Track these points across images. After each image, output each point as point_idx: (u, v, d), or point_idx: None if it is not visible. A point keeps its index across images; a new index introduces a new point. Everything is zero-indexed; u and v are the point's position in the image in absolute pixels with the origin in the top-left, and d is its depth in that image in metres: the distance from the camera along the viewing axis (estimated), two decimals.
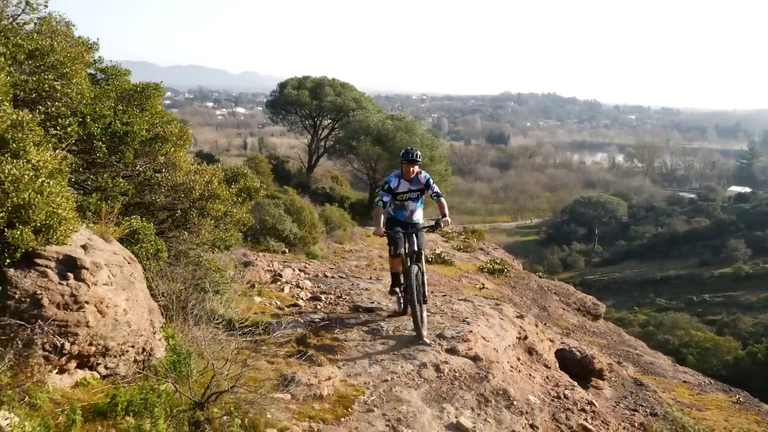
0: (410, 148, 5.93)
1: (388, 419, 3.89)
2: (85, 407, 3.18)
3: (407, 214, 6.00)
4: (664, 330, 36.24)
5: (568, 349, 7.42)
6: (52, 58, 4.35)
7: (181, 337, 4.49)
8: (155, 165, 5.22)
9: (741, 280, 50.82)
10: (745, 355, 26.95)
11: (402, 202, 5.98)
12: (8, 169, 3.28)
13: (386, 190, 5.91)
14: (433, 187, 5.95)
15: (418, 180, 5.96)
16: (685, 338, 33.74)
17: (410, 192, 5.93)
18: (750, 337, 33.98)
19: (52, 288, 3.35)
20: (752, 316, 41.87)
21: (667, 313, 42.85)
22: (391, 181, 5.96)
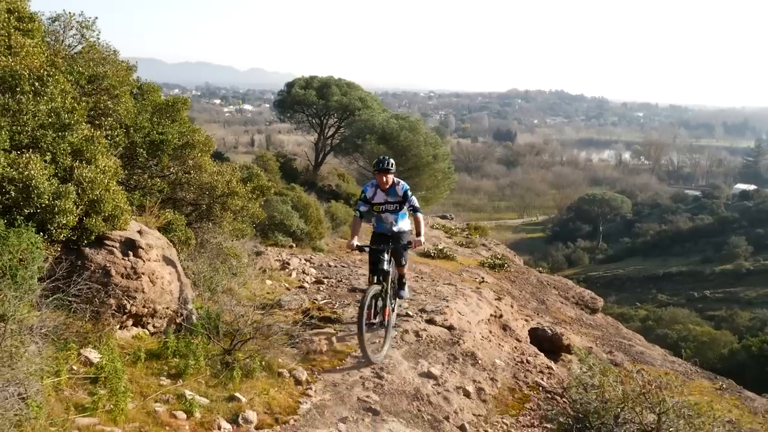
0: (382, 157, 5.61)
1: (374, 368, 4.97)
2: (144, 351, 4.28)
3: (387, 225, 5.74)
4: (663, 325, 37.00)
5: (540, 328, 8.46)
6: (105, 82, 5.45)
7: (208, 306, 5.59)
8: (185, 167, 6.32)
9: (741, 277, 51.36)
10: (740, 348, 27.75)
11: (379, 214, 5.73)
12: (85, 173, 4.38)
13: (362, 200, 5.70)
14: (411, 200, 5.64)
15: (395, 191, 5.64)
16: (683, 332, 34.48)
17: (387, 203, 5.66)
18: (747, 332, 34.67)
19: (117, 262, 4.45)
20: (750, 311, 42.52)
21: (666, 308, 43.54)
22: (367, 191, 5.74)
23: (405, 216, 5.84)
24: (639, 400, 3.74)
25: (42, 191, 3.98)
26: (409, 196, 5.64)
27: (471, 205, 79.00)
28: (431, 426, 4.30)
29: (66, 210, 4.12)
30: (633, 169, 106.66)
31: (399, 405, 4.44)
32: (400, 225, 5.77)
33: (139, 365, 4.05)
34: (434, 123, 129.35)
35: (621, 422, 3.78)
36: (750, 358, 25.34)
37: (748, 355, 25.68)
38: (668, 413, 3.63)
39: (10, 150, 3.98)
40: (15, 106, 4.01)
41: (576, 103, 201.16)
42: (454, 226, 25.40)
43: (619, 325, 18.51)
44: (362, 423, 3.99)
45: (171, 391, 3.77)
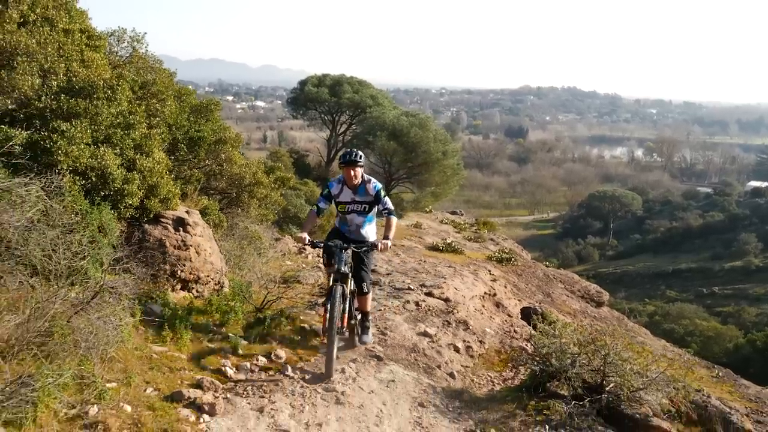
0: (350, 149, 5.04)
1: (380, 328, 5.95)
2: (194, 307, 5.31)
3: (351, 228, 5.06)
4: (670, 320, 37.54)
5: (531, 306, 9.39)
6: (154, 88, 6.47)
7: (239, 277, 6.62)
8: (218, 160, 7.35)
9: (751, 273, 51.49)
10: (745, 342, 28.33)
11: (344, 215, 5.02)
12: (145, 163, 5.42)
13: (324, 196, 4.99)
14: (385, 201, 4.94)
15: (365, 190, 4.94)
16: (690, 327, 35.02)
17: (354, 203, 4.95)
18: (753, 327, 35.14)
19: (170, 236, 5.49)
20: (758, 307, 42.83)
21: (674, 304, 43.97)
22: (332, 187, 5.02)
23: (373, 221, 5.16)
24: (590, 346, 4.67)
25: (115, 177, 5.01)
26: (382, 197, 4.94)
27: (482, 202, 79.39)
28: (425, 371, 5.28)
29: (132, 193, 5.16)
30: (645, 166, 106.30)
31: (399, 354, 5.43)
32: (366, 231, 5.08)
33: (191, 316, 5.07)
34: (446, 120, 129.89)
35: (576, 364, 4.71)
36: (754, 351, 25.95)
37: (752, 349, 26.29)
38: (611, 356, 4.55)
39: (90, 144, 5.01)
40: (93, 110, 5.04)
41: (588, 99, 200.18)
42: (463, 222, 26.22)
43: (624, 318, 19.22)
44: (368, 364, 4.98)
45: (218, 333, 4.79)
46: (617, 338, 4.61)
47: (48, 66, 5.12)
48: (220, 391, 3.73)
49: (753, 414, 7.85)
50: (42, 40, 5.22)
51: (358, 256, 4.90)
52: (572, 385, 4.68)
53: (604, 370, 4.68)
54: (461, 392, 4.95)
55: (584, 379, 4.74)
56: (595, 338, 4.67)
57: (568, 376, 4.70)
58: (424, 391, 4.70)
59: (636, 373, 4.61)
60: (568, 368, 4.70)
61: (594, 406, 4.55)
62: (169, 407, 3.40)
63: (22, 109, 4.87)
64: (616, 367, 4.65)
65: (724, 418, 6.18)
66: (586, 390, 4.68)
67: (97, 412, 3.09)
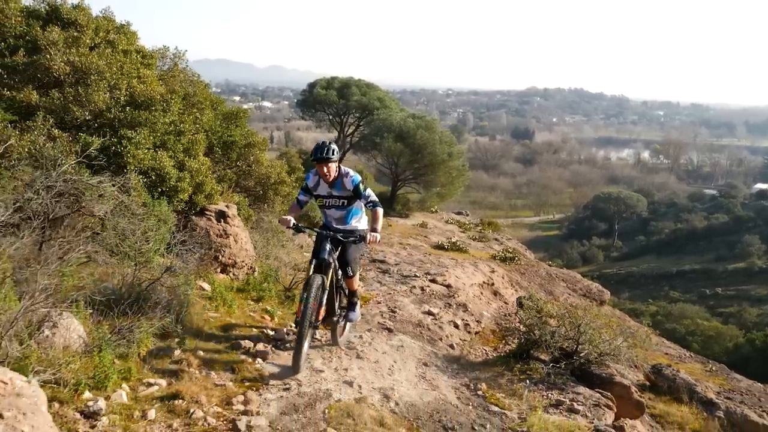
0: (322, 142, 4.63)
1: (389, 307, 6.93)
2: (234, 286, 6.31)
3: (333, 221, 4.84)
4: (672, 319, 38.22)
5: (525, 295, 10.33)
6: (195, 98, 7.48)
7: (267, 264, 7.61)
8: (248, 162, 8.35)
9: (753, 275, 51.95)
10: (744, 342, 29.03)
11: (323, 209, 4.84)
12: (192, 164, 6.42)
13: (303, 189, 4.81)
14: (366, 194, 4.69)
15: (342, 185, 4.67)
16: (691, 327, 35.71)
17: (332, 198, 4.71)
18: (754, 327, 35.79)
19: (213, 226, 6.49)
20: (759, 308, 43.38)
21: (676, 304, 44.58)
22: (309, 179, 4.79)
23: (360, 212, 4.90)
24: (566, 318, 5.61)
25: (170, 176, 6.02)
26: (362, 191, 4.68)
27: (487, 203, 79.89)
28: (429, 342, 6.24)
29: (183, 189, 6.16)
30: (652, 168, 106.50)
31: (406, 328, 6.39)
32: (353, 223, 4.84)
33: (233, 293, 6.07)
34: (452, 121, 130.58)
35: (555, 334, 5.64)
36: (754, 351, 26.64)
37: (752, 349, 26.99)
38: (582, 326, 5.49)
39: (150, 149, 6.02)
40: (152, 119, 6.05)
41: (595, 101, 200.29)
42: (468, 222, 27.10)
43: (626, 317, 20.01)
44: (381, 334, 5.94)
45: (258, 306, 5.79)
46: (588, 313, 5.55)
47: (114, 83, 6.13)
48: (268, 344, 4.72)
49: (724, 392, 8.74)
50: (107, 60, 6.23)
51: (344, 246, 4.67)
52: (551, 352, 5.63)
53: (578, 339, 5.63)
54: (459, 358, 5.92)
55: (561, 347, 5.69)
56: (571, 312, 5.62)
57: (548, 344, 5.66)
58: (427, 355, 5.67)
59: (604, 341, 5.56)
60: (548, 337, 5.66)
61: (568, 367, 5.50)
62: (232, 353, 4.39)
63: (96, 120, 5.89)
64: (588, 336, 5.60)
65: (689, 388, 7.11)
66: (562, 355, 5.64)
67: (179, 353, 4.08)
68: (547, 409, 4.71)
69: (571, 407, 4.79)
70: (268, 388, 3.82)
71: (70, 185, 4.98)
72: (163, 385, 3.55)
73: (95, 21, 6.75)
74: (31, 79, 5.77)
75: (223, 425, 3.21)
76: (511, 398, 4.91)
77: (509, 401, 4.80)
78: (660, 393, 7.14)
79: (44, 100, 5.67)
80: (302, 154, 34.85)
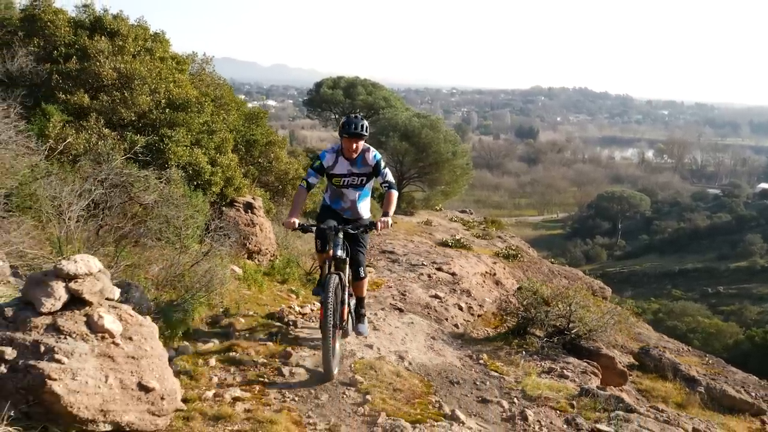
0: (353, 116, 4.30)
1: (400, 291, 7.62)
2: (260, 270, 7.01)
3: (346, 205, 4.50)
4: (674, 317, 38.75)
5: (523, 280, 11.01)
6: (222, 101, 8.19)
7: (288, 252, 8.31)
8: (269, 159, 9.06)
9: (755, 273, 52.27)
10: (744, 339, 29.58)
11: (339, 188, 4.45)
12: (223, 160, 7.13)
13: (316, 169, 4.37)
14: (384, 173, 4.40)
15: (364, 160, 4.38)
16: (692, 324, 36.23)
17: (351, 176, 4.39)
18: (754, 324, 36.30)
19: (242, 216, 7.19)
20: (760, 306, 43.83)
21: (678, 302, 45.07)
22: (325, 158, 4.39)
23: (367, 196, 4.60)
24: (558, 297, 6.28)
25: (205, 171, 6.73)
26: (382, 168, 4.39)
27: (492, 202, 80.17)
28: (436, 321, 6.93)
29: (216, 182, 6.87)
30: (656, 167, 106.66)
31: (415, 308, 7.08)
32: (361, 208, 4.54)
33: (261, 276, 6.78)
34: (456, 120, 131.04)
35: (549, 312, 6.31)
36: (753, 347, 27.16)
37: (752, 345, 27.52)
38: (573, 305, 6.16)
39: (187, 146, 6.73)
40: (188, 120, 6.76)
41: (600, 100, 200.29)
42: (472, 220, 27.72)
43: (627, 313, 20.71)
44: (393, 313, 6.64)
45: (283, 287, 6.49)
46: (578, 293, 6.23)
47: (154, 87, 6.84)
48: (297, 315, 5.41)
49: (709, 376, 9.39)
50: (148, 67, 6.95)
51: (353, 238, 4.34)
52: (546, 329, 6.32)
53: (569, 317, 6.31)
54: (463, 335, 6.61)
55: (554, 324, 6.37)
56: (563, 293, 6.31)
57: (543, 322, 6.34)
58: (435, 331, 6.36)
59: (592, 319, 6.23)
60: (543, 316, 6.34)
61: (561, 342, 6.18)
62: (268, 321, 5.09)
63: (140, 120, 6.60)
64: (578, 314, 6.28)
65: (674, 367, 7.78)
66: (555, 331, 6.32)
67: (225, 320, 4.79)
68: (540, 375, 5.38)
69: (561, 373, 5.46)
70: (302, 348, 4.52)
71: (121, 178, 5.69)
72: (216, 343, 4.26)
73: (134, 30, 7.47)
74: (82, 83, 6.48)
75: (270, 371, 3.91)
76: (509, 366, 5.59)
77: (507, 368, 5.48)
78: (647, 371, 7.81)
79: (95, 103, 6.39)
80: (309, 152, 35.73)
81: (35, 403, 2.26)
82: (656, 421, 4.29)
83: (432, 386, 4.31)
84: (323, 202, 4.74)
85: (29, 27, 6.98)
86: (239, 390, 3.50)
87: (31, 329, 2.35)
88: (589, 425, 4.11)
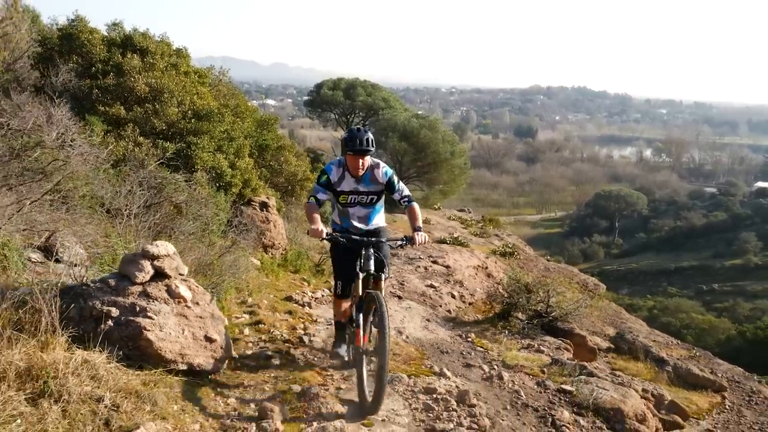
0: (357, 129, 3.96)
1: (398, 281, 8.50)
2: (274, 261, 7.89)
3: (354, 222, 4.14)
4: (668, 314, 39.64)
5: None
6: (239, 109, 9.06)
7: (296, 247, 9.18)
8: (279, 162, 9.94)
9: (749, 271, 53.07)
10: (736, 334, 30.45)
11: (344, 207, 4.10)
12: (241, 164, 8.00)
13: (323, 185, 4.01)
14: (400, 188, 4.10)
15: (374, 177, 4.04)
16: (686, 320, 37.10)
17: (357, 194, 4.04)
18: (746, 320, 37.16)
19: (258, 214, 8.06)
20: (753, 303, 44.69)
21: (673, 299, 45.91)
22: (331, 172, 4.03)
23: (381, 209, 4.28)
24: (537, 284, 7.16)
25: (226, 174, 7.60)
26: (396, 183, 4.08)
27: (490, 201, 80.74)
28: (431, 307, 7.81)
29: (235, 184, 7.74)
30: (654, 166, 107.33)
31: (413, 296, 7.96)
32: (376, 221, 4.23)
33: (276, 266, 7.65)
34: (455, 119, 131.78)
35: (530, 298, 7.18)
36: (745, 342, 28.04)
37: (743, 341, 28.40)
38: (550, 291, 7.02)
39: (210, 152, 7.60)
40: (211, 128, 7.63)
41: (598, 99, 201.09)
42: (470, 218, 28.55)
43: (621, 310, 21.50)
44: (392, 299, 7.51)
45: (296, 276, 7.38)
46: (556, 281, 7.11)
47: (180, 99, 7.71)
48: (310, 299, 6.30)
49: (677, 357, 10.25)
50: (174, 81, 7.82)
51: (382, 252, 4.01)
52: (527, 313, 7.19)
53: (548, 302, 7.19)
54: (454, 319, 7.49)
55: (535, 309, 7.25)
56: (542, 281, 7.19)
57: (525, 307, 7.22)
58: (430, 315, 7.24)
59: (568, 303, 7.12)
60: (525, 302, 7.22)
61: (539, 323, 7.07)
62: (286, 303, 5.96)
63: (170, 129, 7.47)
64: (556, 300, 7.16)
65: (645, 349, 8.66)
66: (535, 315, 7.20)
67: (251, 300, 5.66)
68: (520, 350, 6.25)
69: (538, 349, 6.34)
70: (317, 323, 5.40)
71: (157, 180, 6.56)
72: (247, 318, 5.14)
73: (160, 47, 8.34)
74: (118, 97, 7.36)
75: (293, 339, 4.79)
76: (493, 344, 6.47)
77: (491, 345, 6.36)
78: (622, 353, 8.69)
79: (130, 114, 7.26)
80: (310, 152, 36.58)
81: (134, 348, 3.13)
82: (611, 383, 5.17)
83: (425, 354, 5.18)
84: (333, 225, 4.25)
85: (68, 45, 7.84)
86: (271, 350, 4.39)
87: (128, 295, 3.22)
88: (556, 386, 4.97)
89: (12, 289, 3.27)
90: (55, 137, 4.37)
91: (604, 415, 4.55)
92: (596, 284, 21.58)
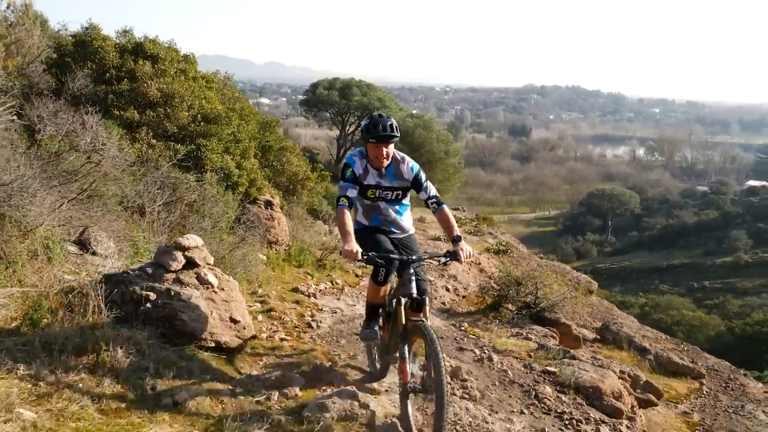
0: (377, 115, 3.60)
1: None
2: (279, 257, 8.35)
3: (387, 220, 3.78)
4: (660, 311, 40.32)
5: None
6: (243, 112, 9.51)
7: (298, 243, 9.65)
8: (281, 162, 10.40)
9: (740, 269, 53.92)
10: (726, 330, 31.14)
11: (372, 202, 3.72)
12: (247, 164, 8.46)
13: (350, 180, 3.59)
14: (427, 187, 3.72)
15: (398, 172, 3.69)
16: (677, 317, 37.78)
17: (383, 189, 3.69)
18: (736, 317, 37.89)
19: (263, 212, 8.53)
20: (742, 299, 45.48)
21: (664, 296, 46.63)
22: (354, 164, 3.65)
23: (408, 208, 3.92)
24: (526, 277, 7.66)
25: (233, 174, 8.06)
26: (423, 181, 3.71)
27: (484, 200, 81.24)
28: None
29: (242, 183, 8.20)
30: (646, 165, 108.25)
31: None
32: (405, 221, 3.86)
33: (281, 261, 8.12)
34: (450, 118, 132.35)
35: (519, 291, 7.69)
36: (734, 338, 28.73)
37: (732, 337, 29.09)
38: (538, 284, 7.53)
39: (219, 153, 8.06)
40: (219, 131, 8.09)
41: (592, 98, 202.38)
42: (464, 217, 29.06)
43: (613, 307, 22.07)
44: None
45: (300, 270, 7.87)
46: (543, 274, 7.62)
47: (190, 103, 8.16)
48: (315, 290, 6.78)
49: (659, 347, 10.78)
50: (184, 86, 8.27)
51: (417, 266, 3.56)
52: (517, 304, 7.70)
53: (536, 294, 7.70)
54: (449, 310, 7.99)
55: (524, 300, 7.76)
56: (531, 274, 7.70)
57: (515, 299, 7.73)
58: None
59: (555, 295, 7.63)
60: (514, 294, 7.73)
61: (528, 314, 7.57)
62: (293, 294, 6.44)
63: (181, 132, 7.92)
64: (543, 292, 7.67)
65: (629, 339, 9.19)
66: (524, 306, 7.71)
67: (261, 290, 6.14)
68: (509, 338, 6.77)
69: (526, 336, 6.85)
70: (322, 312, 5.88)
71: (170, 181, 7.02)
72: (259, 306, 5.61)
73: (169, 53, 8.78)
74: (132, 101, 7.80)
75: (302, 325, 5.28)
76: (485, 332, 6.97)
77: (483, 333, 6.86)
78: (607, 343, 9.22)
79: (143, 118, 7.70)
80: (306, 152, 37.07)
81: (169, 327, 3.60)
82: (592, 365, 5.68)
83: None
84: (357, 226, 3.74)
85: (82, 51, 8.27)
86: (283, 334, 4.87)
87: (164, 281, 3.69)
88: (541, 367, 5.47)
89: (59, 277, 3.74)
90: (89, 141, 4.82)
91: (584, 392, 5.05)
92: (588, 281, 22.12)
